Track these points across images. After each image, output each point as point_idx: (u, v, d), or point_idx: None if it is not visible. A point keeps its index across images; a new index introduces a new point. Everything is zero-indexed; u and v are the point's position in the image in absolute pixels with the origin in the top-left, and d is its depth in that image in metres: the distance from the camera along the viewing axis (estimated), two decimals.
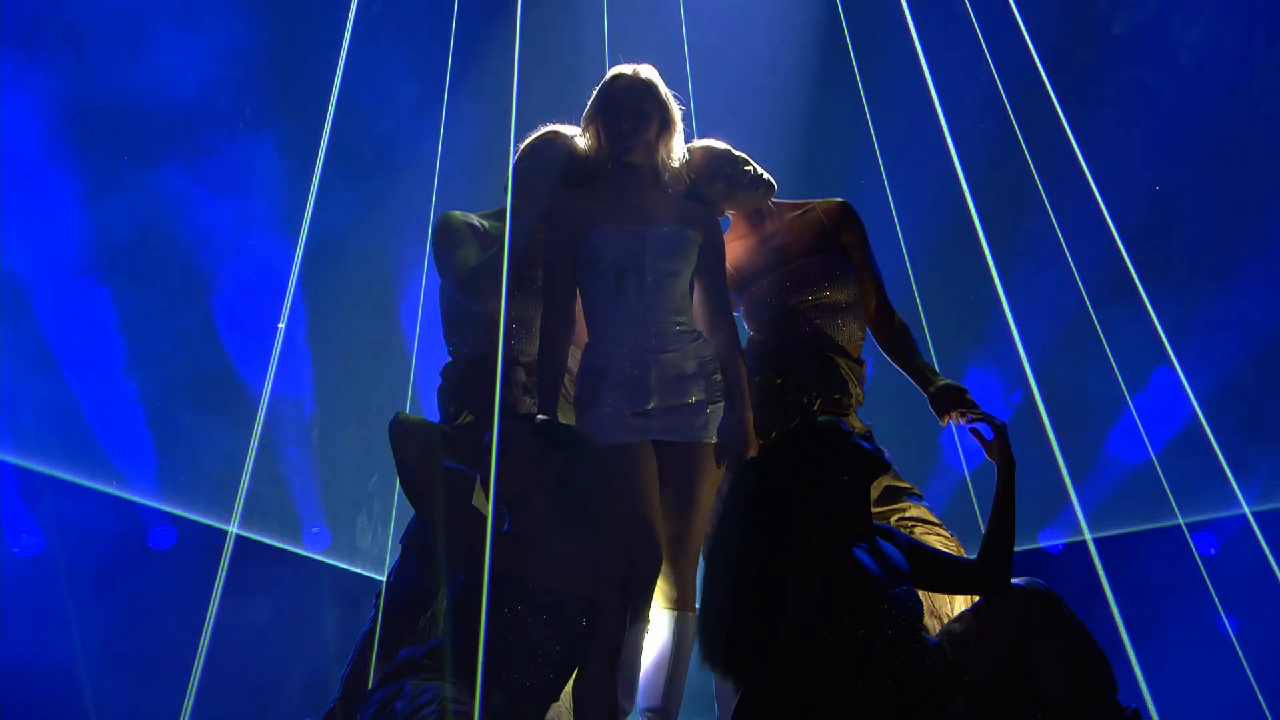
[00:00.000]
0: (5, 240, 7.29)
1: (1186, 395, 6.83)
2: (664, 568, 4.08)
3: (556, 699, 3.83)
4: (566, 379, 4.29)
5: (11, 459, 7.21)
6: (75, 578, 7.16)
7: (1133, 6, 8.13)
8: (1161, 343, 6.41)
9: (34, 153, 7.37)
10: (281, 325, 7.47)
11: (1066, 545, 7.94)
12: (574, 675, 3.81)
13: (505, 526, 3.85)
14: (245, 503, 7.14)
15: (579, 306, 4.28)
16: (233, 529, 6.55)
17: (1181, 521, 6.48)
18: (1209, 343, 7.55)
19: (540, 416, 3.96)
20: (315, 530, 7.74)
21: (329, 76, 6.39)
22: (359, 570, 7.64)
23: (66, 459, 7.33)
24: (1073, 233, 6.46)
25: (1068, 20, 7.96)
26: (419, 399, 6.85)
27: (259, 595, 7.51)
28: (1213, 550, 7.55)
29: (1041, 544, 8.00)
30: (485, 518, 3.88)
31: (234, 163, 7.78)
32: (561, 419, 4.18)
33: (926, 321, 5.35)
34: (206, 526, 7.37)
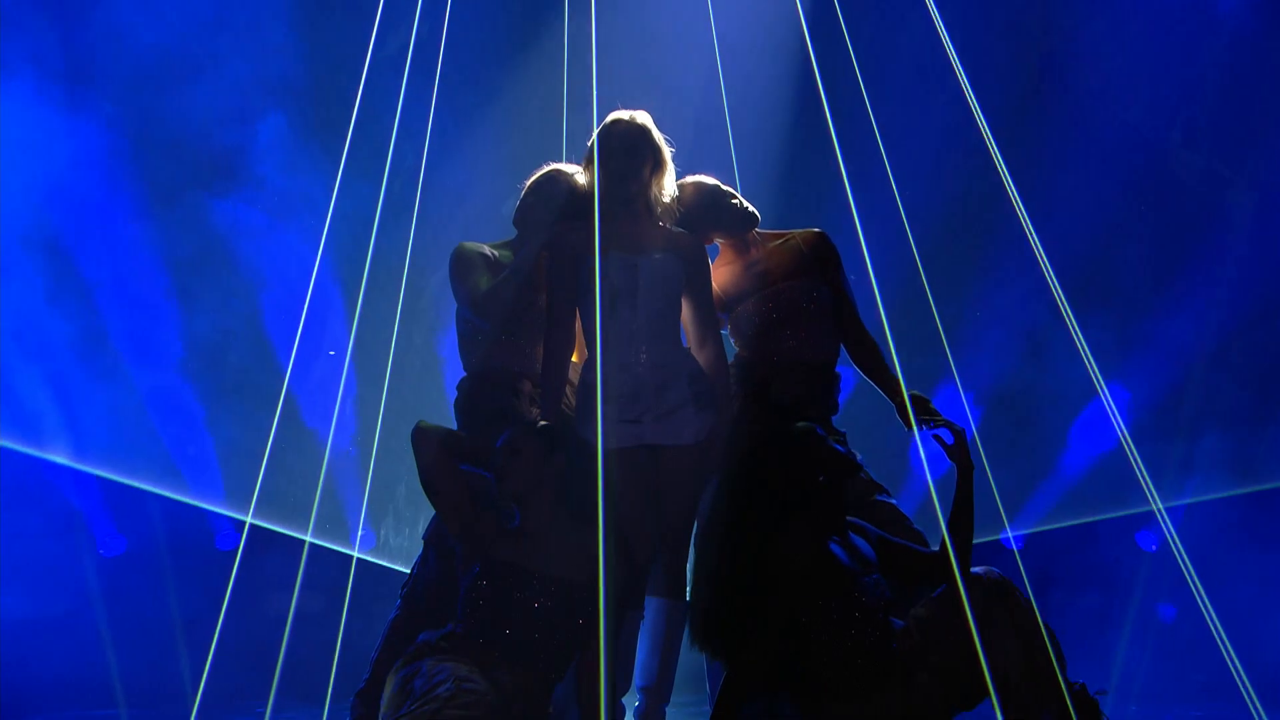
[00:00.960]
0: (84, 266, 7.29)
1: (1129, 400, 6.78)
2: (657, 559, 4.01)
3: (561, 679, 3.75)
4: (568, 390, 4.22)
5: (96, 471, 7.18)
6: (153, 574, 7.12)
7: (1076, 64, 8.09)
8: (1104, 360, 6.32)
9: (103, 179, 7.37)
10: (333, 351, 7.43)
11: (1024, 542, 7.84)
12: (577, 658, 3.75)
13: (514, 522, 3.79)
14: (299, 507, 7.15)
15: (579, 326, 4.22)
16: (249, 520, 6.53)
17: (1159, 507, 6.41)
18: (1148, 356, 7.50)
19: (543, 423, 3.91)
20: (361, 533, 7.70)
21: (372, 109, 6.33)
22: (396, 566, 7.58)
23: (143, 469, 7.32)
24: (1027, 260, 6.40)
25: (1018, 72, 7.92)
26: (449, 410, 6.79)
27: (312, 590, 7.45)
28: (1154, 546, 7.46)
29: (1002, 539, 7.91)
30: (496, 514, 3.82)
31: (283, 187, 7.73)
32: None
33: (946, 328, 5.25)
34: (268, 530, 7.35)
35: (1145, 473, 5.89)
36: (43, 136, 7.13)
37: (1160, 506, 6.26)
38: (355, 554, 7.42)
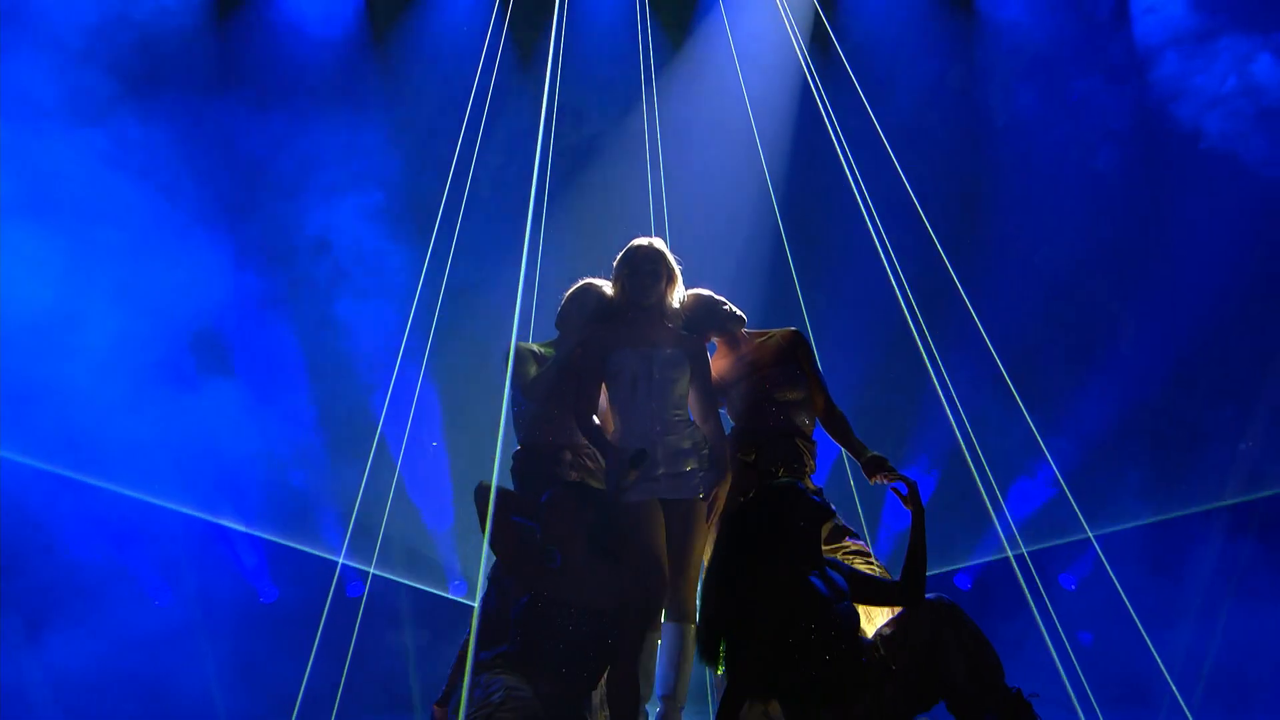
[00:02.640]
0: (232, 351, 7.29)
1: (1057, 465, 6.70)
2: (670, 591, 3.94)
3: (595, 688, 3.67)
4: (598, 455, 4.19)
5: (260, 533, 7.22)
6: (299, 616, 7.01)
7: (997, 216, 8.13)
8: (1030, 434, 6.21)
9: (242, 276, 7.39)
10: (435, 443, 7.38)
11: (973, 579, 7.63)
12: (607, 672, 3.67)
13: (555, 562, 3.74)
14: (410, 561, 7.20)
15: (607, 404, 4.21)
16: (332, 565, 6.49)
17: (1091, 535, 6.26)
18: (1071, 428, 7.43)
19: (577, 480, 3.88)
20: (456, 582, 7.62)
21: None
22: (468, 602, 7.44)
23: (288, 527, 7.28)
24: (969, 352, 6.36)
25: (958, 217, 7.95)
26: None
27: (420, 628, 7.36)
28: (1072, 586, 7.29)
29: (956, 583, 7.71)
30: (540, 556, 3.77)
31: (388, 282, 7.61)
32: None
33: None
34: (385, 579, 7.30)
35: (1080, 513, 5.78)
36: (202, 253, 7.19)
37: (1091, 535, 6.14)
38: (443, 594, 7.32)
